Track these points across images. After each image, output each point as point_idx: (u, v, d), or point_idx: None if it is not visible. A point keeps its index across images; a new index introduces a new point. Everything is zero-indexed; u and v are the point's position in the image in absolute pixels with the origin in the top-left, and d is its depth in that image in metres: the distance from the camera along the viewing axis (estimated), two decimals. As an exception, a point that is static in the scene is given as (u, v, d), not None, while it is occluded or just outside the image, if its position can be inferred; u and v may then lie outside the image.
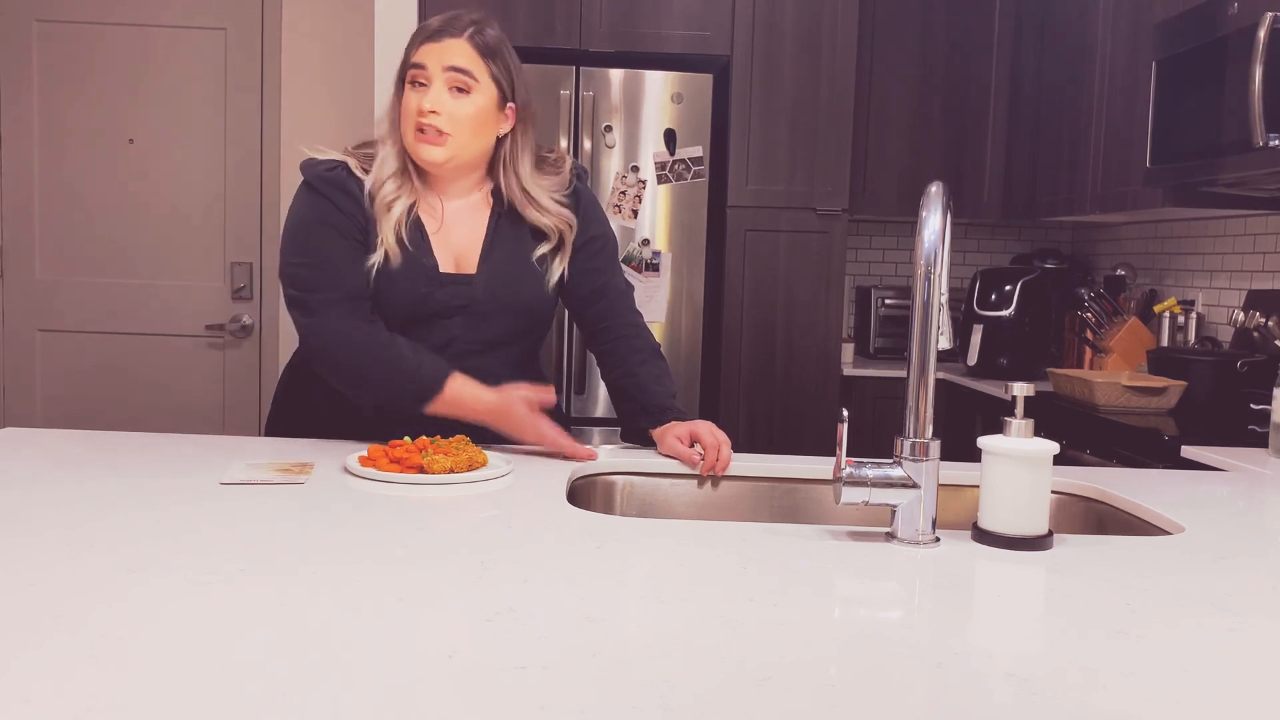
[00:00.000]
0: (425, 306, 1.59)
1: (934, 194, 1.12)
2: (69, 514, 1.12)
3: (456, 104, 1.56)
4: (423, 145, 1.56)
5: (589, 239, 1.71)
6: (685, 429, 1.54)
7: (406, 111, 1.57)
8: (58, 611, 0.83)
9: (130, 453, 1.46)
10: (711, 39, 3.30)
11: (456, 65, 1.55)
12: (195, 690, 0.69)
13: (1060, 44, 3.40)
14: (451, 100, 1.55)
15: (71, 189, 3.47)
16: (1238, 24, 2.32)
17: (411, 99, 1.56)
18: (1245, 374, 2.51)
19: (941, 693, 0.73)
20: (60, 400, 3.53)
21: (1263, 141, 2.18)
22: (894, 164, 3.71)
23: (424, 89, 1.56)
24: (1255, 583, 1.02)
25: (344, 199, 1.57)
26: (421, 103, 1.55)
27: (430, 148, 1.56)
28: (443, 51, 1.55)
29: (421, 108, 1.54)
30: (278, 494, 1.25)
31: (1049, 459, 1.13)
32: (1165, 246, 3.37)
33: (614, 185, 3.26)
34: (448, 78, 1.55)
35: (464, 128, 1.57)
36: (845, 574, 1.02)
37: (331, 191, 1.57)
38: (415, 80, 1.56)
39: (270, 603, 0.86)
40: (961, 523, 1.45)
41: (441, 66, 1.55)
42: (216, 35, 3.46)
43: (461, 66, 1.55)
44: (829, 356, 3.39)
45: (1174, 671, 0.78)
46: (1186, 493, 1.44)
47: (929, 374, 1.12)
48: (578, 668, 0.75)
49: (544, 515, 1.19)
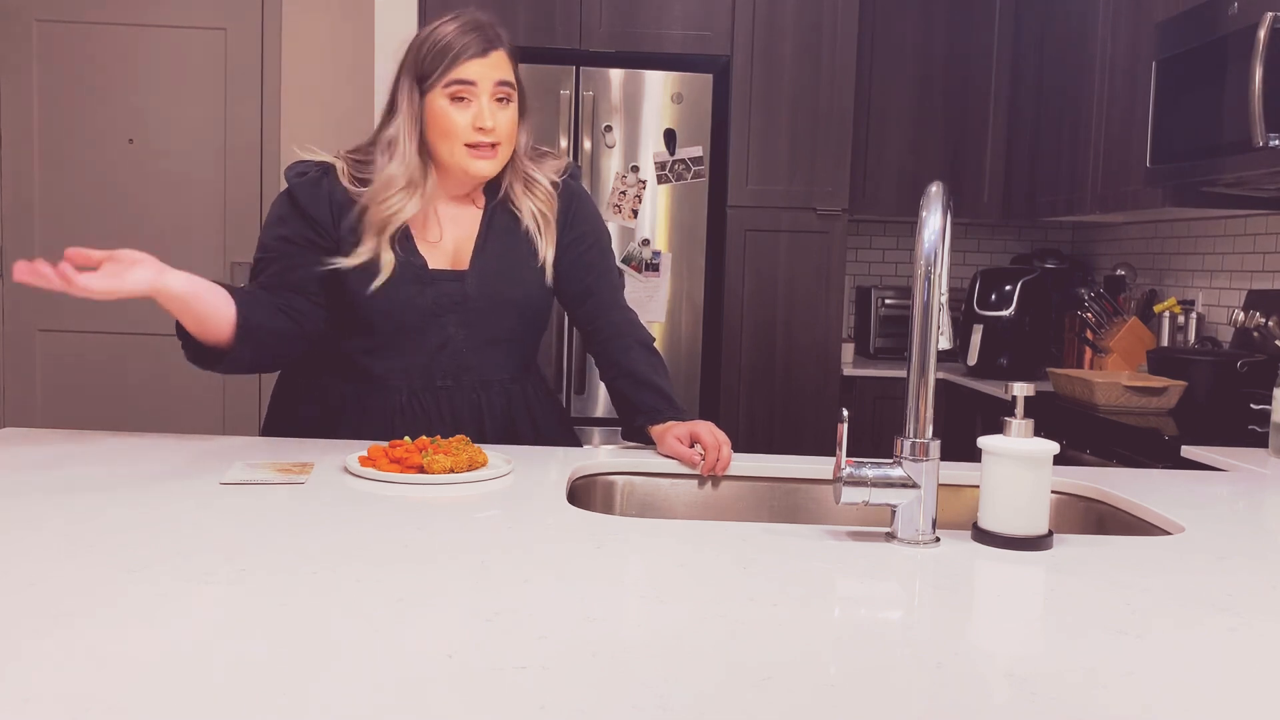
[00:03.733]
0: (416, 306, 1.59)
1: (934, 194, 1.12)
2: (69, 514, 1.12)
3: (503, 114, 1.58)
4: (477, 160, 1.57)
5: (577, 235, 1.71)
6: (685, 429, 1.54)
7: (451, 129, 1.56)
8: (58, 611, 0.83)
9: (130, 453, 1.46)
10: (711, 39, 3.30)
11: (504, 79, 1.58)
12: (195, 690, 0.69)
13: (1060, 44, 3.40)
14: (500, 112, 1.58)
15: (71, 189, 3.47)
16: (1238, 24, 2.32)
17: (458, 115, 1.55)
18: (1245, 374, 2.51)
19: (941, 693, 0.73)
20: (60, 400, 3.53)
21: (1263, 141, 2.18)
22: (894, 164, 3.71)
23: (469, 104, 1.56)
24: (1255, 583, 1.02)
25: (311, 203, 1.58)
26: (479, 121, 1.55)
27: (485, 162, 1.58)
28: (490, 66, 1.56)
29: (483, 125, 1.55)
30: (278, 494, 1.25)
31: (1049, 459, 1.12)
32: (1165, 246, 3.37)
33: (614, 185, 3.26)
34: (495, 91, 1.57)
35: (510, 137, 1.60)
36: (845, 574, 1.02)
37: (300, 192, 1.58)
38: (460, 96, 1.55)
39: (270, 603, 0.86)
40: (961, 523, 1.45)
41: (493, 82, 1.56)
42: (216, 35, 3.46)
43: (507, 79, 1.58)
44: (829, 356, 3.39)
45: (1174, 671, 0.78)
46: (1186, 493, 1.43)
47: (929, 374, 1.12)
48: (577, 668, 0.75)
49: (544, 515, 1.19)
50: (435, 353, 1.62)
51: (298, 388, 1.69)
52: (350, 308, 1.59)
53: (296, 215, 1.58)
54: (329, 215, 1.58)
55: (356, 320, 1.60)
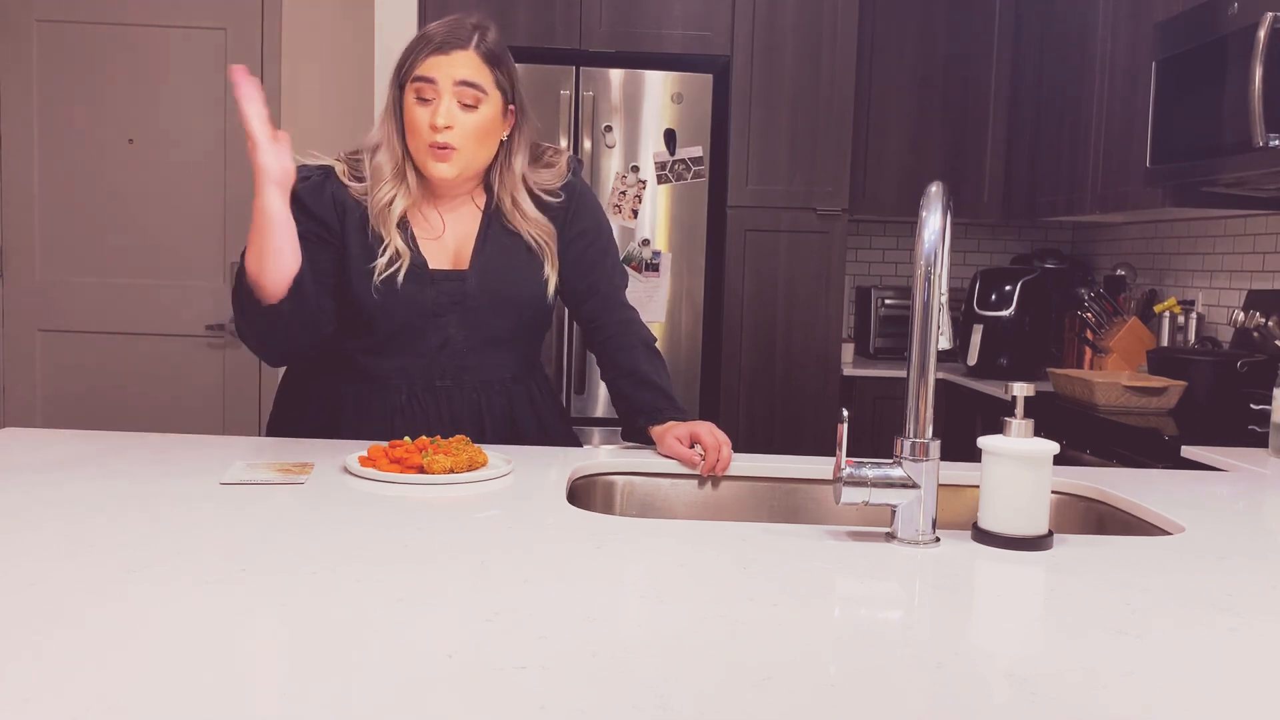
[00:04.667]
0: (417, 305, 1.59)
1: (934, 194, 1.12)
2: (69, 514, 1.12)
3: (467, 118, 1.54)
4: (434, 162, 1.54)
5: (579, 232, 1.70)
6: (685, 429, 1.53)
7: (415, 126, 1.54)
8: (58, 611, 0.83)
9: (130, 453, 1.46)
10: (711, 39, 3.30)
11: (466, 80, 1.53)
12: (195, 690, 0.69)
13: (1060, 44, 3.40)
14: (462, 114, 1.53)
15: (71, 189, 3.47)
16: (1238, 24, 2.32)
17: (420, 114, 1.53)
18: (1245, 374, 2.51)
19: (941, 692, 0.73)
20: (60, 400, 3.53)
21: (1263, 141, 2.18)
22: (894, 164, 3.71)
23: (431, 104, 1.53)
24: (1255, 583, 1.02)
25: (316, 203, 1.58)
26: (434, 119, 1.52)
27: (441, 165, 1.55)
28: (451, 64, 1.52)
29: (435, 124, 1.52)
30: (278, 494, 1.25)
31: (1049, 459, 1.12)
32: (1165, 246, 3.37)
33: (614, 185, 3.26)
34: (457, 92, 1.53)
35: (472, 141, 1.56)
36: (845, 574, 1.02)
37: (304, 194, 1.57)
38: (421, 95, 1.53)
39: (270, 603, 0.86)
40: (961, 523, 1.45)
41: (451, 81, 1.52)
42: (216, 35, 3.46)
43: (471, 80, 1.53)
44: (829, 356, 3.39)
45: (1174, 671, 0.78)
46: (1186, 493, 1.43)
47: (929, 374, 1.12)
48: (577, 668, 0.75)
49: (544, 515, 1.19)
50: (435, 353, 1.62)
51: (302, 390, 1.70)
52: (352, 307, 1.59)
53: (305, 216, 1.57)
54: (335, 216, 1.58)
55: (358, 320, 1.60)
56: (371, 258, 1.57)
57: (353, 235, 1.58)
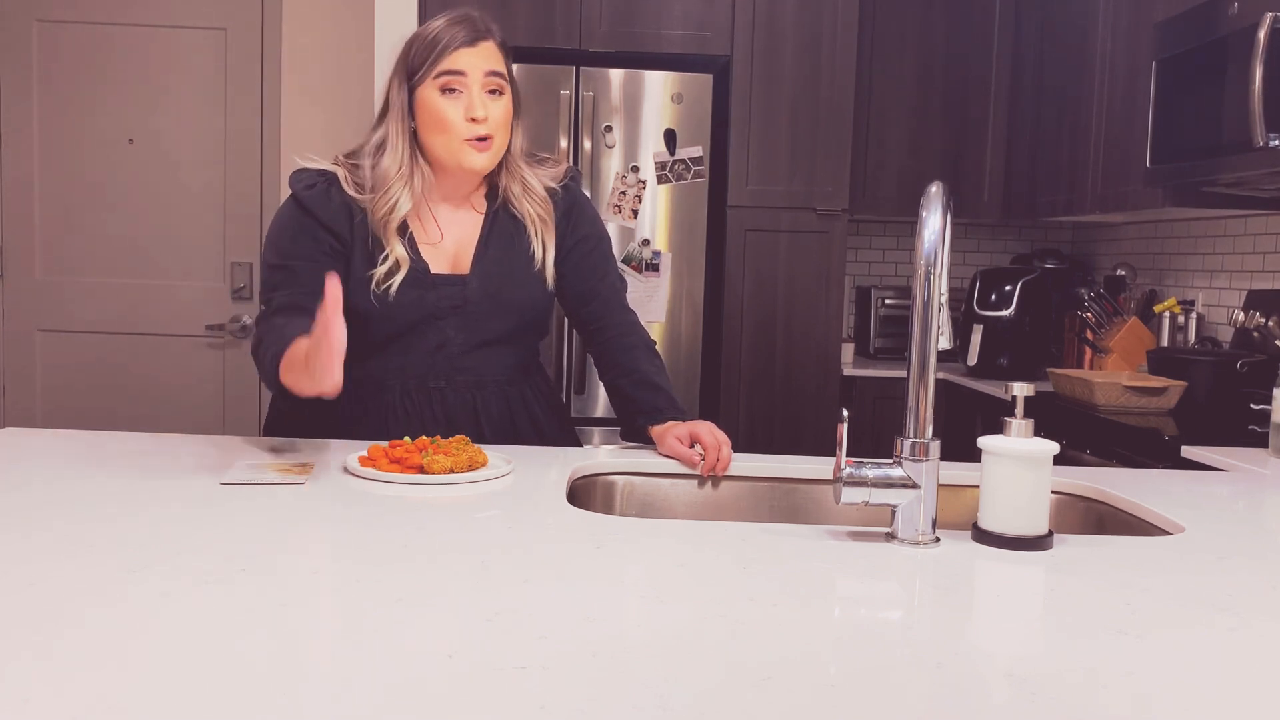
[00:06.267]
0: (418, 310, 1.59)
1: (934, 194, 1.12)
2: (69, 514, 1.12)
3: (496, 106, 1.56)
4: (473, 154, 1.55)
5: (579, 239, 1.71)
6: (685, 429, 1.54)
7: (445, 122, 1.54)
8: (58, 611, 0.83)
9: (130, 452, 1.46)
10: (711, 39, 3.30)
11: (494, 69, 1.56)
12: (195, 690, 0.69)
13: (1060, 44, 3.40)
14: (492, 103, 1.56)
15: (71, 189, 3.47)
16: (1238, 24, 2.32)
17: (450, 108, 1.54)
18: (1245, 374, 2.51)
19: (941, 693, 0.73)
20: (60, 400, 3.52)
21: (1263, 141, 2.18)
22: (894, 164, 3.71)
23: (461, 95, 1.54)
24: (1255, 583, 1.02)
25: (325, 211, 1.57)
26: (472, 111, 1.53)
27: (481, 155, 1.56)
28: (480, 56, 1.55)
29: (475, 116, 1.53)
30: (278, 494, 1.25)
31: (1049, 459, 1.12)
32: (1165, 246, 3.37)
33: (614, 185, 3.26)
34: (486, 82, 1.55)
35: (503, 129, 1.58)
36: (845, 574, 1.02)
37: (314, 203, 1.57)
38: (450, 88, 1.54)
39: (270, 603, 0.86)
40: (961, 523, 1.45)
41: (482, 72, 1.54)
42: (216, 35, 3.46)
43: (497, 69, 1.56)
44: (829, 356, 3.39)
45: (1174, 671, 0.78)
46: (1186, 493, 1.43)
47: (929, 374, 1.12)
48: (577, 668, 0.75)
49: (544, 515, 1.19)
50: (431, 354, 1.62)
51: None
52: (352, 312, 1.59)
53: (317, 226, 1.56)
54: (346, 225, 1.58)
55: (355, 322, 1.60)
56: (373, 264, 1.57)
57: (358, 242, 1.58)
